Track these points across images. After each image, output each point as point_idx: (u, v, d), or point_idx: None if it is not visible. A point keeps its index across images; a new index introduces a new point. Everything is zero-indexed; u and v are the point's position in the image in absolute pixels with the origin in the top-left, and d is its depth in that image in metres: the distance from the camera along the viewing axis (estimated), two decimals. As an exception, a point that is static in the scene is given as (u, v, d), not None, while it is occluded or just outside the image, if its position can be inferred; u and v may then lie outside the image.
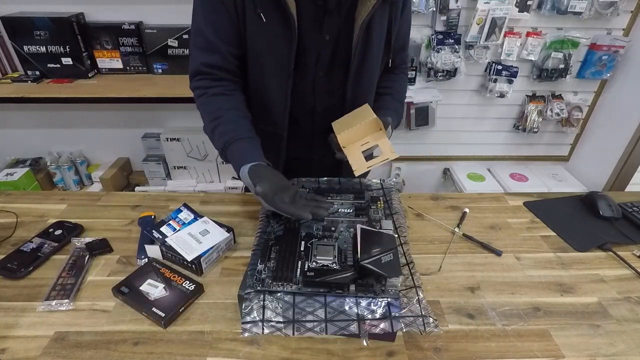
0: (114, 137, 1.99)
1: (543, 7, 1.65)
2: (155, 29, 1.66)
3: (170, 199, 0.98)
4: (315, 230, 0.75)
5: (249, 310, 0.59)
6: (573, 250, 0.84)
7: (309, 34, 0.80)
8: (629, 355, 0.62)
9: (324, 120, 0.91)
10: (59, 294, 0.69)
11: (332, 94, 0.89)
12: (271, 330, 0.57)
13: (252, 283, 0.62)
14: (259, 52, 0.82)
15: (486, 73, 1.83)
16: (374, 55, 0.85)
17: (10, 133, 1.95)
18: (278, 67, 0.82)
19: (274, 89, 0.86)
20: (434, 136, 2.03)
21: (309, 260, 0.67)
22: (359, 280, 0.63)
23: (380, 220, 0.78)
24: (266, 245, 0.70)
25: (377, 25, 0.81)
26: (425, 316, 0.58)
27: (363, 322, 0.58)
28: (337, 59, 0.84)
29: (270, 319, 0.58)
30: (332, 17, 0.79)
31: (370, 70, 0.88)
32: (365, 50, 0.83)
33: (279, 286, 0.62)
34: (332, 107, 0.91)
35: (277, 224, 0.76)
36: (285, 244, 0.70)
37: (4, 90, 1.58)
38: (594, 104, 1.93)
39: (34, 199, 0.97)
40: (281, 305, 0.60)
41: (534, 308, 0.69)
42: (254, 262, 0.67)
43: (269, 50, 0.81)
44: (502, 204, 0.99)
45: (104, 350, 0.61)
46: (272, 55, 0.82)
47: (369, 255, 0.63)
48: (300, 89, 0.87)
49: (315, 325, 0.58)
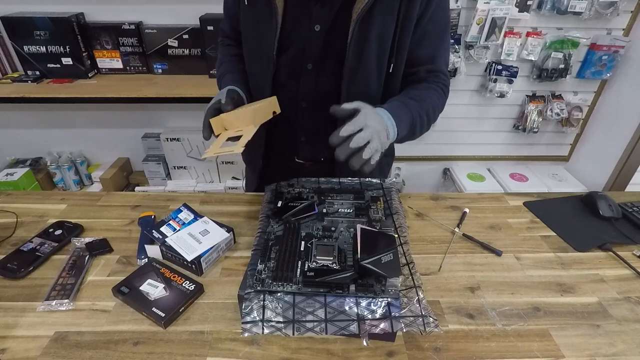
0: (114, 137, 1.99)
1: (543, 7, 1.65)
2: (155, 29, 1.66)
3: (170, 199, 0.98)
4: (315, 230, 0.75)
5: (249, 310, 0.59)
6: (573, 250, 0.84)
7: (296, 22, 0.78)
8: (629, 355, 0.62)
9: (310, 118, 0.88)
10: (59, 294, 0.69)
11: (320, 89, 0.84)
12: (271, 330, 0.57)
13: (252, 283, 0.62)
14: (245, 33, 0.87)
15: (486, 73, 1.83)
16: (372, 56, 0.78)
17: (10, 133, 1.96)
18: (260, 51, 0.82)
19: (257, 73, 0.87)
20: (434, 136, 2.03)
21: (309, 260, 0.67)
22: (359, 280, 0.63)
23: (380, 220, 0.78)
24: (266, 245, 0.70)
25: (376, 23, 0.74)
26: (425, 316, 0.58)
27: (363, 322, 0.58)
28: (329, 52, 0.80)
29: (270, 319, 0.58)
30: (324, 7, 0.76)
31: (367, 70, 0.79)
32: (362, 47, 0.76)
33: (279, 286, 0.62)
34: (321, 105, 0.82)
35: (276, 224, 0.76)
36: (285, 244, 0.70)
37: (4, 90, 1.58)
38: (594, 104, 1.93)
39: (34, 199, 0.97)
40: (281, 305, 0.60)
41: (534, 308, 0.69)
42: (254, 262, 0.67)
43: (253, 33, 0.83)
44: (502, 204, 0.99)
45: (104, 350, 0.61)
46: (255, 39, 0.83)
47: (369, 255, 0.63)
48: (284, 77, 0.85)
49: (315, 325, 0.58)
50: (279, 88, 0.86)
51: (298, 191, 0.87)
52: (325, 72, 0.82)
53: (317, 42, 0.79)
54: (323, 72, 0.83)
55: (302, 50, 0.81)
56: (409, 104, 0.78)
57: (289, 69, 0.84)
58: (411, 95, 0.81)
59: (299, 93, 0.86)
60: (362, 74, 0.80)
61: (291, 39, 0.80)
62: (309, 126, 0.90)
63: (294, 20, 0.78)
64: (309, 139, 0.93)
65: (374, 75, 0.81)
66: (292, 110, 0.87)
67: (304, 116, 0.89)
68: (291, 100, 0.86)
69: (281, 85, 0.86)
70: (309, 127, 0.91)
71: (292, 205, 0.80)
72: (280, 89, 0.85)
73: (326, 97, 0.82)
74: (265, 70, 0.84)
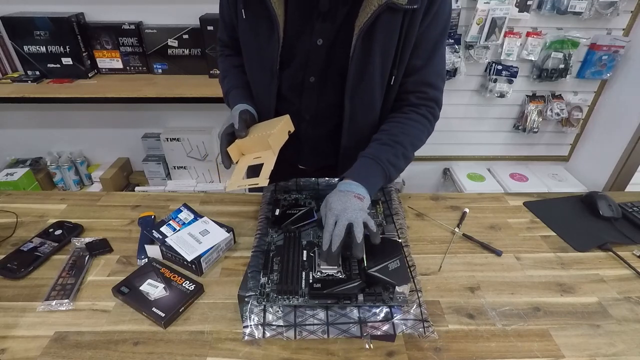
0: (114, 137, 1.99)
1: (543, 7, 1.65)
2: (155, 29, 1.66)
3: (170, 199, 0.98)
4: (316, 238, 0.73)
5: (250, 314, 0.59)
6: (573, 250, 0.84)
7: (298, 36, 0.77)
8: (629, 355, 0.62)
9: (314, 130, 0.88)
10: (59, 294, 0.69)
11: (322, 102, 0.84)
12: (272, 334, 0.57)
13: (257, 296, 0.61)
14: (245, 45, 0.85)
15: (486, 73, 1.83)
16: (375, 69, 0.76)
17: (10, 133, 1.95)
18: (263, 65, 0.82)
19: (260, 85, 0.86)
20: (434, 136, 1.99)
21: (313, 270, 0.65)
22: (366, 290, 0.62)
23: (382, 224, 0.77)
24: (267, 256, 0.69)
25: (380, 35, 0.72)
26: (426, 320, 0.59)
27: (365, 325, 0.58)
28: (332, 66, 0.79)
29: (271, 323, 0.58)
30: (325, 21, 0.75)
31: (370, 84, 0.78)
32: (365, 61, 0.75)
33: (284, 300, 0.61)
34: (324, 117, 0.86)
35: (276, 233, 0.75)
36: (286, 254, 0.69)
37: (4, 90, 1.58)
38: (594, 104, 1.93)
39: (34, 199, 0.97)
40: (282, 309, 0.60)
41: (534, 308, 0.69)
42: (254, 264, 0.66)
43: (252, 46, 0.82)
44: (502, 204, 0.99)
45: (104, 350, 0.61)
46: (256, 53, 0.82)
47: (376, 262, 0.62)
48: (286, 90, 0.84)
49: (317, 329, 0.57)
50: (281, 101, 0.85)
51: (295, 197, 0.86)
52: (328, 86, 0.81)
53: (319, 55, 0.78)
54: (326, 85, 0.82)
55: (304, 64, 0.80)
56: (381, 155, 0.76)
57: (291, 81, 0.83)
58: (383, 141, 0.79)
59: (302, 106, 0.85)
60: (364, 87, 0.79)
61: (293, 52, 0.78)
62: (312, 137, 0.90)
63: (295, 34, 0.76)
64: (312, 150, 0.93)
65: (377, 88, 0.80)
66: (295, 123, 0.87)
67: (307, 128, 0.88)
68: (294, 113, 0.85)
69: (283, 98, 0.85)
70: (312, 138, 0.90)
71: (290, 212, 0.78)
72: (283, 102, 0.85)
73: (329, 110, 0.83)
74: (269, 84, 0.83)
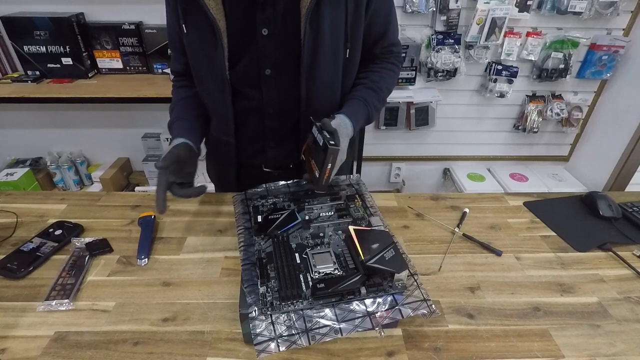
0: (114, 137, 1.99)
1: (543, 7, 1.66)
2: (155, 29, 1.66)
3: (170, 199, 0.98)
4: (304, 239, 0.73)
5: (258, 328, 0.57)
6: (573, 250, 0.84)
7: (243, 31, 0.76)
8: (629, 355, 0.62)
9: (279, 123, 0.88)
10: (59, 294, 0.69)
11: (283, 92, 0.83)
12: (287, 346, 0.55)
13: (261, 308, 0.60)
14: (192, 58, 0.84)
15: (486, 73, 1.83)
16: (327, 47, 0.78)
17: (10, 133, 1.96)
18: (213, 74, 0.81)
19: (214, 96, 0.85)
20: (434, 136, 2.04)
21: (309, 271, 0.65)
22: (367, 282, 0.62)
23: (365, 217, 0.78)
24: (260, 264, 0.68)
25: (326, 14, 0.74)
26: (428, 299, 0.60)
27: (374, 316, 0.59)
28: (284, 53, 0.78)
29: (283, 334, 0.57)
30: (265, 10, 0.74)
31: (324, 63, 0.79)
32: (317, 43, 0.76)
33: (289, 305, 0.60)
34: (285, 108, 0.85)
35: (263, 240, 0.73)
36: (279, 260, 0.67)
37: (4, 90, 1.58)
38: (594, 104, 1.94)
39: (34, 199, 0.97)
40: (288, 316, 0.59)
41: (534, 308, 0.69)
42: (247, 278, 0.64)
43: (200, 57, 0.81)
44: (502, 204, 0.99)
45: (103, 350, 0.60)
46: (204, 63, 0.81)
47: (372, 254, 0.63)
48: (244, 87, 0.83)
49: (330, 330, 0.57)
50: (242, 100, 0.85)
51: (273, 202, 0.84)
52: (285, 73, 0.81)
53: (269, 46, 0.78)
54: (283, 74, 0.81)
55: (256, 58, 0.79)
56: (367, 97, 0.86)
57: (247, 78, 0.82)
58: (368, 85, 0.88)
59: (264, 100, 0.85)
60: (319, 66, 0.79)
61: (241, 50, 0.78)
62: (277, 131, 0.89)
63: (240, 30, 0.76)
64: (278, 144, 0.92)
65: (331, 64, 0.81)
66: (259, 119, 0.87)
67: (272, 122, 0.88)
68: (257, 109, 0.85)
69: (243, 96, 0.85)
70: (277, 132, 0.90)
71: (273, 218, 0.77)
72: (244, 101, 0.85)
73: (291, 99, 0.84)
74: (221, 92, 0.83)
